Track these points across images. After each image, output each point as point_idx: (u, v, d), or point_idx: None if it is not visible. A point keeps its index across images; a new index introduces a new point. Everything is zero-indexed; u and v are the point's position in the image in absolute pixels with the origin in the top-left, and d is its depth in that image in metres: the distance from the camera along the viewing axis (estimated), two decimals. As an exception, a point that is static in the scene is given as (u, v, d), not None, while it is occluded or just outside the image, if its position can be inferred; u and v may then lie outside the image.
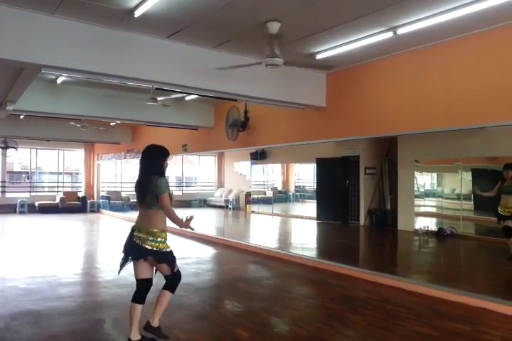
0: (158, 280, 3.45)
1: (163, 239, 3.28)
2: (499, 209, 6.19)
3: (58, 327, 3.81)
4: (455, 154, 9.01)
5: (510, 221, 6.07)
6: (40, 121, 11.73)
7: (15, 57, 4.46)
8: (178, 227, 3.40)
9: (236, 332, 3.73)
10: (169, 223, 3.33)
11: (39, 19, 4.51)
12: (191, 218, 3.30)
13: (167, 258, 3.31)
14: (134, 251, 3.30)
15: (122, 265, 3.42)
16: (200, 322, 4.03)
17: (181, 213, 3.39)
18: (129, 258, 3.35)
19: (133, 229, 3.34)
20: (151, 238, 3.23)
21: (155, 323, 3.38)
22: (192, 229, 3.37)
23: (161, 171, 3.34)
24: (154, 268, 3.40)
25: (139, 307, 3.34)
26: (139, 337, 3.33)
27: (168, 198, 3.21)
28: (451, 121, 5.19)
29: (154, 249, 3.24)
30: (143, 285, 3.37)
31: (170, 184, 3.48)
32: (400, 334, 3.72)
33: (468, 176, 9.41)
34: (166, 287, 3.40)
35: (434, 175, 10.72)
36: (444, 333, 3.75)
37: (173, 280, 3.39)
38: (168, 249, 3.30)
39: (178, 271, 3.42)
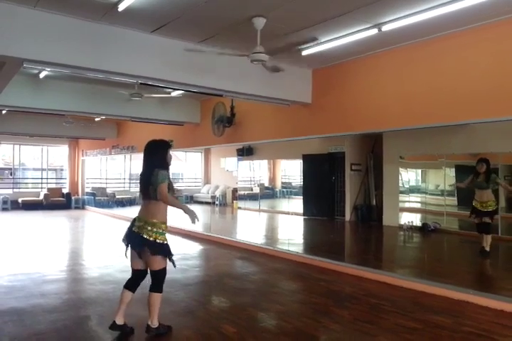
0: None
1: (161, 230, 3.35)
2: (474, 203, 6.29)
3: (42, 325, 3.77)
4: (439, 150, 9.12)
5: (487, 218, 6.15)
6: (23, 117, 11.57)
7: (-4, 51, 4.38)
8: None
9: (223, 327, 3.74)
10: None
11: (20, 12, 4.42)
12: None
13: (163, 250, 3.36)
14: (132, 240, 3.41)
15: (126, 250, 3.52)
16: (186, 318, 4.03)
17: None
18: (129, 245, 3.45)
19: (134, 219, 3.43)
20: (149, 228, 3.31)
21: (154, 324, 3.45)
22: (197, 219, 3.42)
23: (163, 164, 3.42)
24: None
25: (129, 294, 3.51)
26: (122, 323, 3.48)
27: (166, 187, 3.27)
28: (436, 117, 5.25)
29: (151, 239, 3.30)
30: (137, 276, 3.53)
31: None
32: (384, 328, 3.78)
33: (451, 172, 9.55)
34: (151, 288, 3.45)
35: (419, 171, 10.85)
36: (427, 326, 3.81)
37: (159, 277, 3.43)
38: (165, 242, 3.36)
39: (165, 268, 3.46)
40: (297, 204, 12.66)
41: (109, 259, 6.87)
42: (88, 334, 3.63)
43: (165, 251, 3.38)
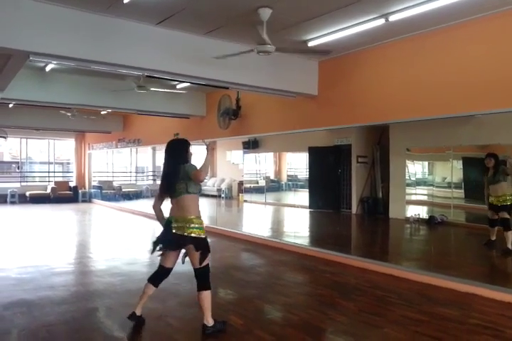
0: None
1: (200, 226, 3.40)
2: (490, 200, 6.10)
3: (51, 316, 3.81)
4: (446, 142, 9.04)
5: (505, 212, 6.00)
6: (30, 110, 11.61)
7: (1, 44, 4.38)
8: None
9: (229, 319, 3.76)
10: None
11: (26, 5, 4.42)
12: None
13: (205, 244, 3.41)
14: (173, 241, 3.41)
15: (154, 250, 3.56)
16: (193, 310, 4.04)
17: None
18: (166, 248, 3.50)
19: (169, 221, 3.43)
20: (188, 225, 3.35)
21: (210, 323, 3.43)
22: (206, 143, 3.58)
23: (186, 160, 3.49)
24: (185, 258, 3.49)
25: (152, 288, 3.60)
26: (140, 314, 3.57)
27: (198, 169, 3.34)
28: (443, 108, 5.20)
29: (193, 235, 3.35)
30: (163, 272, 3.60)
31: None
32: (390, 320, 3.78)
33: (459, 164, 9.48)
34: (200, 287, 3.43)
35: (426, 163, 10.77)
36: (433, 318, 3.81)
37: (203, 274, 3.43)
38: (204, 236, 3.42)
39: (208, 264, 3.45)
40: (303, 196, 12.65)
41: (116, 252, 6.92)
42: (96, 325, 3.66)
43: (206, 246, 3.42)
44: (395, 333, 3.50)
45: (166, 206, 3.58)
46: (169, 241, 3.44)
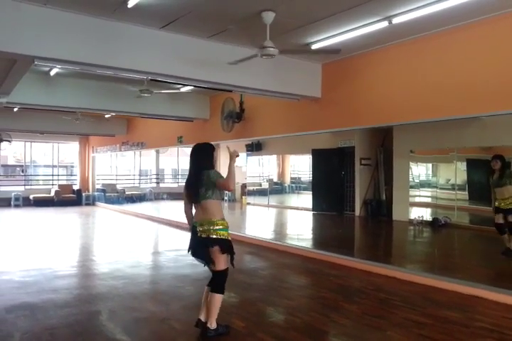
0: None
1: (225, 227, 3.40)
2: (497, 203, 6.01)
3: (54, 319, 3.82)
4: (450, 144, 9.05)
5: (511, 216, 5.90)
6: (34, 114, 11.67)
7: (7, 49, 4.42)
8: (172, 219, 3.46)
9: (232, 322, 3.75)
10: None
11: (31, 10, 4.45)
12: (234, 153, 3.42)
13: (230, 246, 3.41)
14: (201, 245, 3.39)
15: (202, 261, 3.51)
16: (196, 313, 4.02)
17: (176, 205, 3.41)
18: (195, 257, 3.49)
19: (194, 227, 3.44)
20: (213, 227, 3.35)
21: (213, 326, 3.40)
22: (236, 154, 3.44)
23: (210, 165, 3.48)
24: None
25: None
26: (215, 326, 3.41)
27: (223, 179, 3.32)
28: (446, 111, 5.19)
29: (220, 237, 3.35)
30: (221, 275, 3.45)
31: (166, 176, 3.61)
32: (393, 322, 3.76)
33: (463, 166, 9.46)
34: (213, 289, 3.41)
35: (429, 165, 10.76)
36: (437, 321, 3.79)
37: (220, 277, 3.41)
38: (229, 238, 3.42)
39: (227, 270, 3.45)
40: (306, 199, 12.65)
41: (119, 255, 6.93)
42: (99, 328, 3.66)
43: (231, 248, 3.42)
44: (398, 336, 3.48)
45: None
46: (197, 247, 3.44)
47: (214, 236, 3.34)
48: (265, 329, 3.61)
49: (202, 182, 3.37)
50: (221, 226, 3.37)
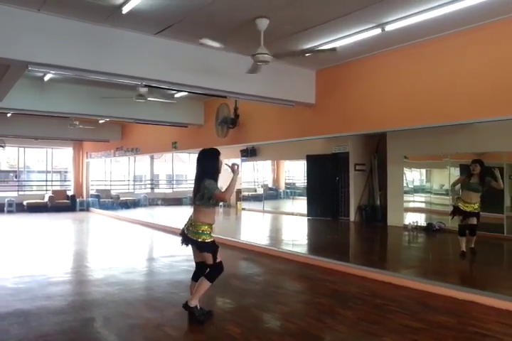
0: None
1: (204, 231, 3.69)
2: (460, 205, 6.17)
3: (48, 327, 3.78)
4: (443, 150, 9.11)
5: (474, 218, 6.08)
6: (28, 119, 11.62)
7: (0, 54, 4.41)
8: (167, 225, 3.57)
9: (228, 328, 3.74)
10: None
11: (25, 15, 4.46)
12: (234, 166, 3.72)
13: (207, 248, 3.71)
14: (185, 239, 3.80)
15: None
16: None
17: (171, 210, 3.42)
18: (182, 242, 3.85)
19: (188, 220, 3.82)
20: (193, 229, 3.70)
21: (192, 303, 3.77)
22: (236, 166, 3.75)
23: (214, 171, 3.71)
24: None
25: (195, 284, 3.88)
26: (195, 304, 3.79)
27: (219, 192, 3.59)
28: (439, 117, 5.24)
29: (195, 239, 3.68)
30: (199, 267, 3.90)
31: (161, 182, 3.83)
32: (389, 328, 3.76)
33: (456, 172, 9.52)
34: (205, 275, 3.77)
35: (423, 171, 10.83)
36: (431, 326, 3.80)
37: (213, 270, 3.75)
38: (208, 240, 3.70)
39: (221, 263, 3.78)
40: (301, 204, 12.66)
41: (113, 261, 6.89)
42: (93, 335, 3.63)
43: (209, 249, 3.70)
44: (393, 342, 3.49)
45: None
46: (184, 238, 3.82)
47: (192, 237, 3.69)
48: (261, 336, 3.60)
49: (201, 189, 3.63)
50: (200, 230, 3.67)
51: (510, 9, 4.39)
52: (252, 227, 11.94)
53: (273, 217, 13.79)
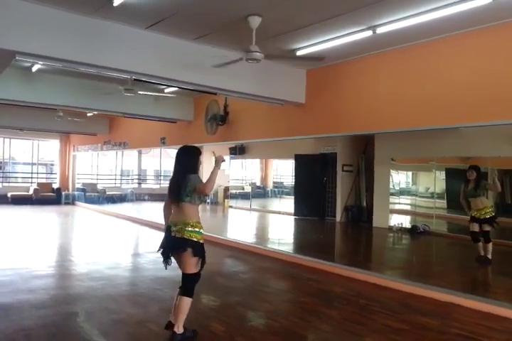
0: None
1: (199, 230, 3.40)
2: (473, 214, 6.13)
3: (29, 320, 3.74)
4: (430, 153, 9.20)
5: (486, 225, 6.05)
6: (14, 110, 11.42)
7: (-13, 43, 4.33)
8: (153, 221, 3.44)
9: (211, 325, 3.74)
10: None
11: (13, 4, 4.37)
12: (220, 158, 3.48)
13: (202, 251, 3.38)
14: (173, 245, 3.37)
15: (166, 261, 3.45)
16: (174, 316, 4.02)
17: (158, 206, 3.40)
18: (169, 254, 3.42)
19: (169, 226, 3.43)
20: (187, 228, 3.34)
21: (180, 330, 3.32)
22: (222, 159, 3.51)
23: (194, 169, 3.49)
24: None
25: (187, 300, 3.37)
26: (183, 330, 3.34)
27: (203, 184, 3.36)
28: (426, 121, 5.28)
29: (192, 238, 3.33)
30: (191, 279, 3.41)
31: (148, 177, 3.61)
32: (372, 328, 3.80)
33: (442, 175, 9.63)
34: (182, 292, 3.37)
35: (409, 173, 10.93)
36: (414, 327, 3.84)
37: (190, 280, 3.39)
38: (202, 241, 3.40)
39: (199, 273, 3.42)
40: (288, 204, 12.68)
41: (98, 256, 6.84)
42: (75, 330, 3.61)
43: (203, 252, 3.40)
44: (376, 342, 3.52)
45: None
46: (170, 245, 3.40)
47: (186, 237, 3.32)
48: (245, 334, 3.61)
49: (184, 185, 3.37)
50: (196, 229, 3.37)
51: (499, 16, 4.44)
52: (239, 225, 11.94)
53: (260, 216, 13.80)
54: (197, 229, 3.38)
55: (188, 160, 3.51)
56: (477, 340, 3.59)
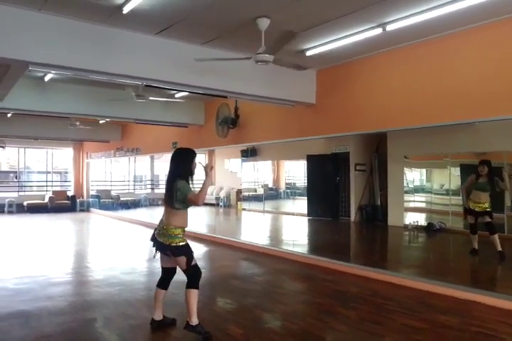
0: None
1: (177, 235, 3.47)
2: (470, 205, 6.21)
3: (49, 327, 3.77)
4: (444, 150, 9.09)
5: (486, 216, 6.08)
6: (28, 120, 11.60)
7: (1, 54, 4.40)
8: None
9: (229, 328, 3.73)
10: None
11: (26, 15, 4.45)
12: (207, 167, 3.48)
13: (182, 251, 3.48)
14: (156, 244, 3.57)
15: (155, 253, 3.65)
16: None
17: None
18: (155, 249, 3.60)
19: (158, 224, 3.60)
20: (164, 233, 3.48)
21: (193, 321, 3.48)
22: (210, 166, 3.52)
23: (188, 172, 3.51)
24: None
25: (161, 291, 3.71)
26: (161, 318, 3.69)
27: (193, 195, 3.38)
28: (440, 117, 5.23)
29: (168, 243, 3.46)
30: (165, 273, 3.70)
31: (161, 182, 3.67)
32: (390, 328, 3.76)
33: (456, 172, 9.50)
34: (187, 285, 3.52)
35: (424, 170, 10.81)
36: (433, 326, 3.79)
37: (191, 274, 3.52)
38: (181, 243, 3.48)
39: (197, 265, 3.56)
40: (301, 204, 12.63)
41: (114, 261, 6.89)
42: (94, 336, 3.63)
43: (185, 252, 3.49)
44: (395, 342, 3.48)
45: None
46: (155, 243, 3.59)
47: (161, 241, 3.47)
48: (262, 336, 3.60)
49: (174, 191, 3.42)
50: (173, 234, 3.45)
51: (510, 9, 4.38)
52: (253, 227, 11.93)
53: (273, 217, 13.78)
54: (176, 234, 3.46)
55: (180, 163, 3.51)
56: (499, 338, 3.53)
